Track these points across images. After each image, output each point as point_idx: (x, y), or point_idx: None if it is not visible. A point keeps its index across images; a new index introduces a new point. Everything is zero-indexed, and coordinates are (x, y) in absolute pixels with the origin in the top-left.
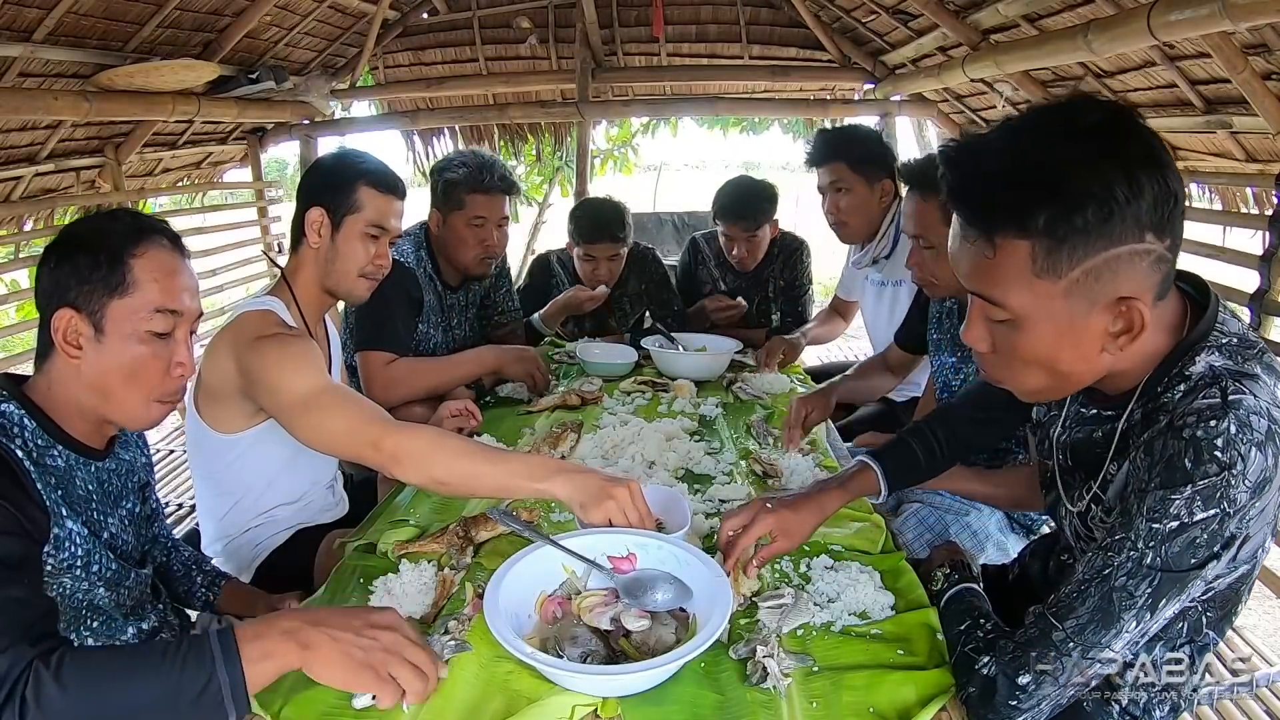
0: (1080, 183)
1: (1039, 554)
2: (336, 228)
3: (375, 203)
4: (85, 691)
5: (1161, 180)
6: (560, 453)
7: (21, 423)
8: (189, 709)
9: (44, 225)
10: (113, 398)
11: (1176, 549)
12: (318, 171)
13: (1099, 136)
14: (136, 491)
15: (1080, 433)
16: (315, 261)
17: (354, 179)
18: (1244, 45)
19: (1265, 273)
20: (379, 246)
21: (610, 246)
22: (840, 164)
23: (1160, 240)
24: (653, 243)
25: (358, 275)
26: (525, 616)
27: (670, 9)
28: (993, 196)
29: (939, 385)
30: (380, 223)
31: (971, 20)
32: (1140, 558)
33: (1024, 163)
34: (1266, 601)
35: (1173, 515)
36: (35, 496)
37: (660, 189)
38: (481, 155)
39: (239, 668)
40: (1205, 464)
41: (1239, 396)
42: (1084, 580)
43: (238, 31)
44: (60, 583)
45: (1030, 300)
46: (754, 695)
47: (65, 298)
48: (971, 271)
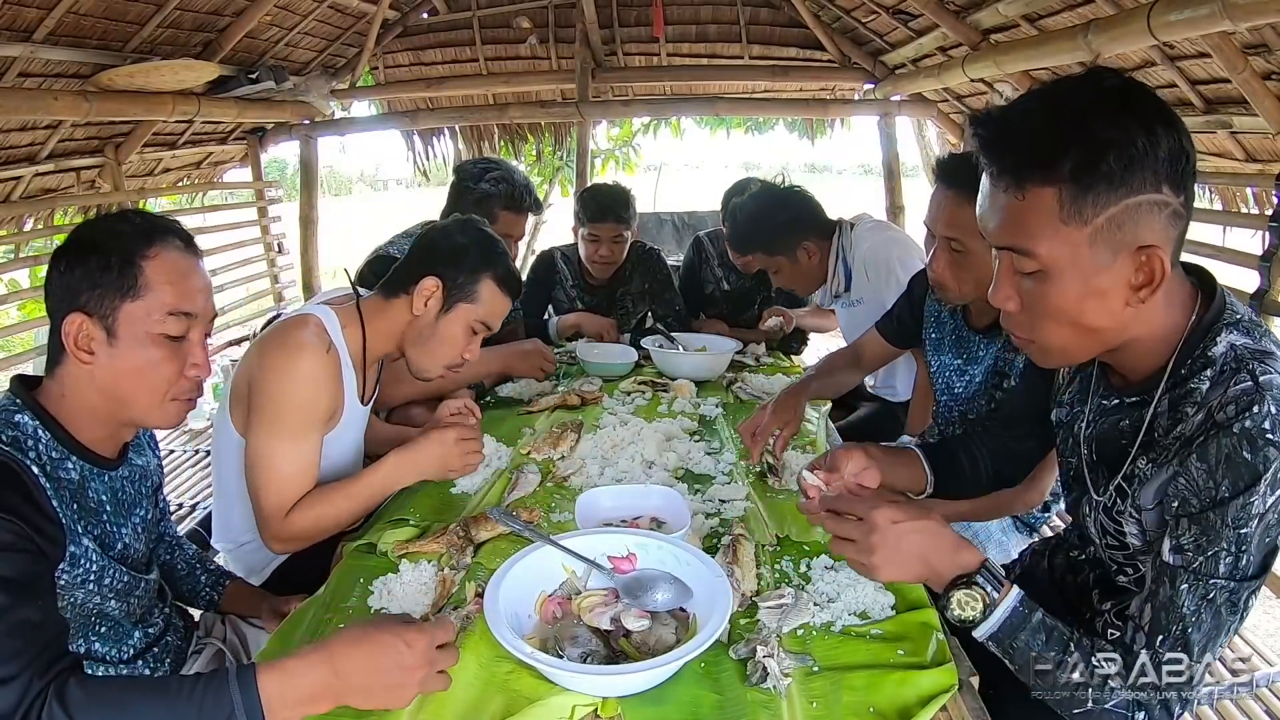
0: (1102, 132)
1: (1042, 554)
2: (447, 309)
3: (495, 303)
4: None
5: (1175, 136)
6: (560, 453)
7: (36, 434)
8: None
9: (44, 225)
10: (127, 401)
11: (1256, 542)
12: (452, 240)
13: (1119, 95)
14: (150, 497)
15: (1105, 424)
16: (408, 325)
17: (484, 269)
18: (1244, 45)
19: (1265, 273)
20: (475, 342)
21: (614, 227)
22: (756, 254)
23: (1176, 195)
24: (653, 243)
25: (443, 365)
26: (525, 616)
27: (670, 9)
28: (1022, 145)
29: (940, 386)
30: (489, 322)
31: (971, 20)
32: (1235, 563)
33: (1051, 115)
34: (1266, 601)
35: (1255, 515)
36: (50, 512)
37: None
38: (515, 172)
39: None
40: (1263, 450)
41: (1269, 377)
42: (1193, 612)
43: (238, 31)
44: (73, 596)
45: (1058, 248)
46: (754, 695)
47: (76, 302)
48: (1001, 225)
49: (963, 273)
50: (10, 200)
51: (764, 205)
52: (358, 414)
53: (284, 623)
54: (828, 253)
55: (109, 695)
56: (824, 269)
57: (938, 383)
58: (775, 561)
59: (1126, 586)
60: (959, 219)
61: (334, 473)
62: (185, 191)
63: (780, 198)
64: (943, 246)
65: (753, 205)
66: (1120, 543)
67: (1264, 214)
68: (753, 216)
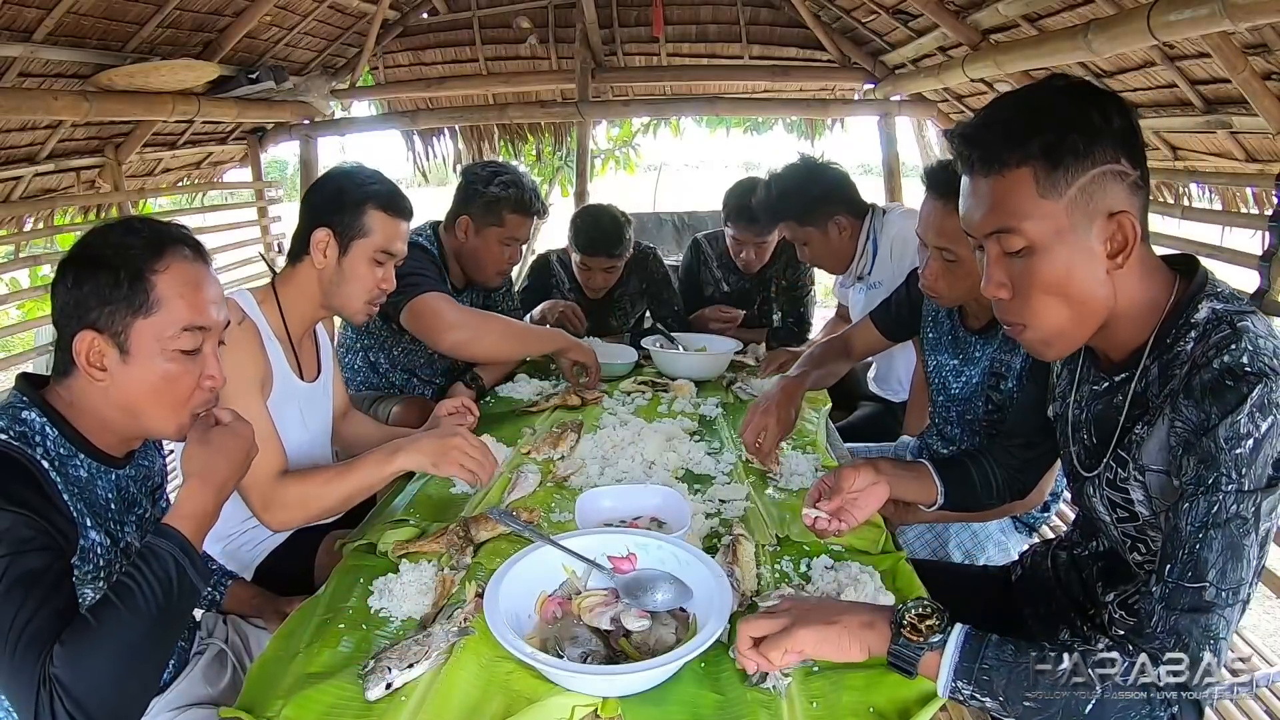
0: (1063, 112)
1: (1044, 554)
2: (344, 251)
3: (385, 228)
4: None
5: (1125, 115)
6: (560, 453)
7: (43, 431)
8: (176, 598)
9: (44, 225)
10: (143, 416)
11: (1259, 468)
12: (326, 189)
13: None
14: (149, 495)
15: (1099, 405)
16: (317, 280)
17: (363, 201)
18: (1244, 45)
19: (1265, 273)
20: (385, 271)
21: (606, 260)
22: (789, 222)
23: (1133, 168)
24: (653, 243)
25: (364, 300)
26: (525, 616)
27: (670, 9)
28: (996, 134)
29: (936, 385)
30: (389, 248)
31: (971, 20)
32: (1239, 485)
33: (1018, 107)
34: (1266, 601)
35: (1245, 434)
36: (62, 507)
37: (660, 189)
38: (523, 176)
39: (176, 535)
40: (1243, 379)
41: (1244, 324)
42: (1198, 528)
43: (238, 31)
44: (82, 593)
45: (1040, 221)
46: (754, 695)
47: (86, 319)
48: (986, 211)
49: (955, 280)
50: (10, 200)
51: (799, 175)
52: (299, 390)
53: (285, 622)
54: (858, 232)
55: (82, 618)
56: (853, 247)
57: (934, 382)
58: (775, 561)
59: (1137, 569)
60: (948, 228)
61: (293, 453)
62: (185, 191)
63: (816, 170)
64: (934, 256)
65: (787, 175)
66: (1130, 513)
67: (1264, 214)
68: (786, 186)
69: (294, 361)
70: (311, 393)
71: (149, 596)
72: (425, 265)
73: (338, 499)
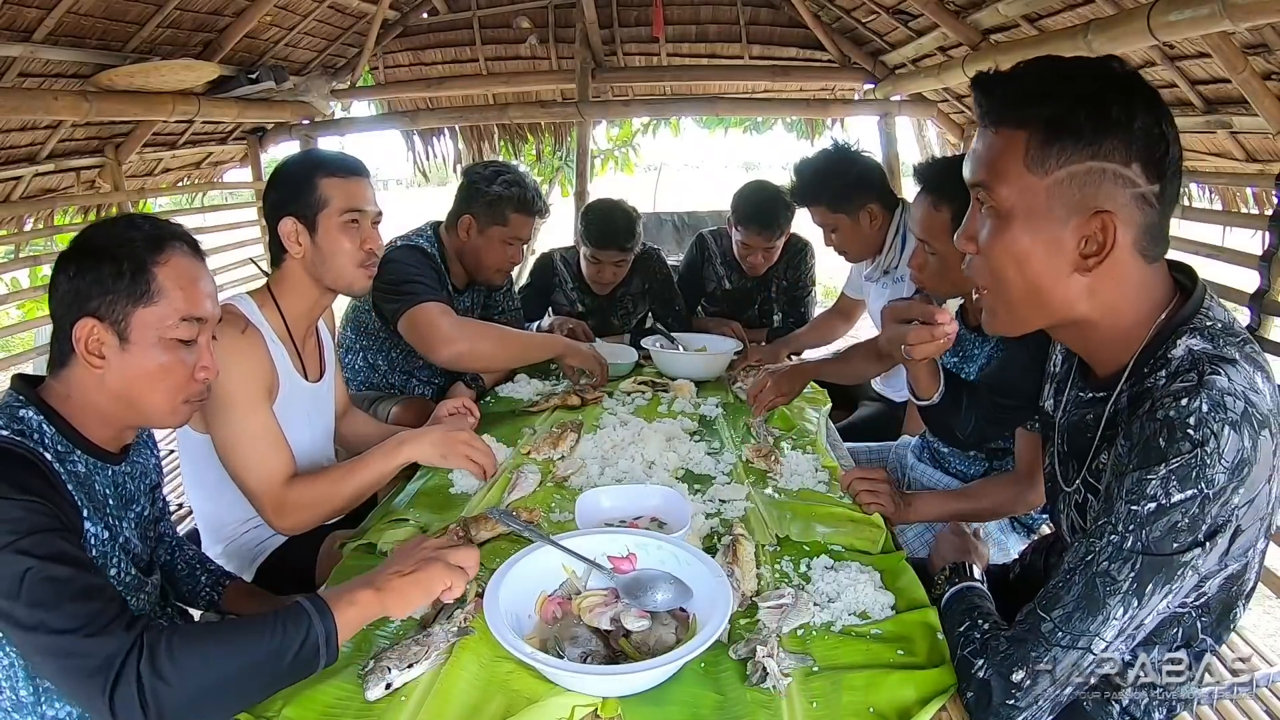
0: (1083, 88)
1: (1040, 553)
2: (313, 230)
3: (342, 190)
4: (198, 660)
5: (1155, 119)
6: (560, 453)
7: (41, 428)
8: (290, 663)
9: (44, 225)
10: (139, 403)
11: (1157, 532)
12: (275, 183)
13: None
14: (147, 494)
15: (1076, 416)
16: (304, 270)
17: (310, 174)
18: (1244, 45)
19: (1265, 273)
20: (364, 230)
21: (617, 254)
22: (819, 207)
23: (1148, 181)
24: (653, 242)
25: (356, 266)
26: (525, 616)
27: (670, 9)
28: (1010, 87)
29: None
30: (354, 206)
31: (971, 20)
32: (1121, 541)
33: (1045, 71)
34: (1266, 601)
35: (1150, 496)
36: (67, 496)
37: (660, 189)
38: (526, 176)
39: (331, 618)
40: (1178, 442)
41: (1213, 378)
42: (1069, 569)
43: (238, 31)
44: None
45: (1015, 193)
46: (754, 695)
47: (87, 307)
48: (975, 164)
49: (934, 274)
50: (10, 200)
51: (834, 160)
52: (304, 391)
53: None
54: (888, 224)
55: (199, 633)
56: (881, 238)
57: None
58: (775, 561)
59: None
60: (930, 223)
61: (298, 453)
62: (185, 191)
63: (850, 156)
64: (919, 248)
65: (822, 159)
66: None
67: (1264, 214)
68: (821, 170)
69: (298, 362)
70: (316, 392)
71: (272, 642)
72: (424, 271)
73: (347, 497)
